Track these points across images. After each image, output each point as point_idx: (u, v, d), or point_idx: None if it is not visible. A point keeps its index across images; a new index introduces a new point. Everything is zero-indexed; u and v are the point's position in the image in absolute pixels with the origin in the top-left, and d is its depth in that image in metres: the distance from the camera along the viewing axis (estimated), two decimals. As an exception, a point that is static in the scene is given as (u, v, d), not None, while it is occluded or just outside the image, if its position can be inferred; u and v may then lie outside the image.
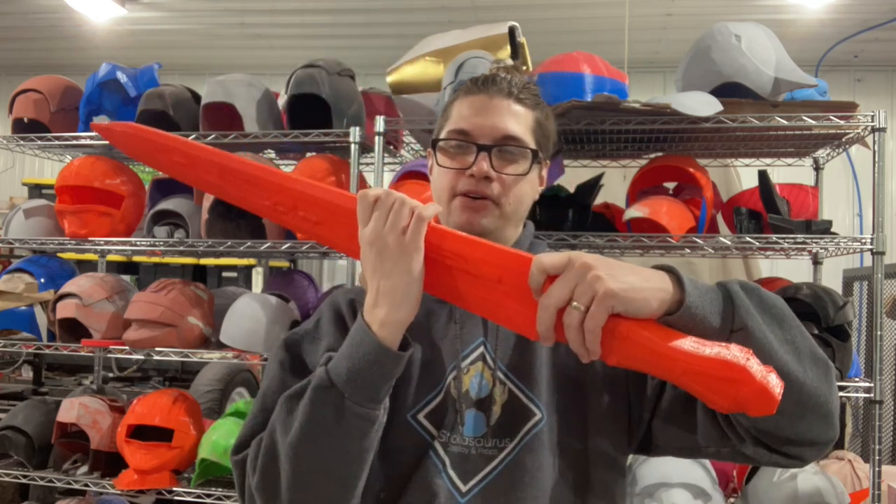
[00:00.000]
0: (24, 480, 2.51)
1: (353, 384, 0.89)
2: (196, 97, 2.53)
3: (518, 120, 1.08)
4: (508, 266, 0.89)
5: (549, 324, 0.84)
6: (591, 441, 1.04)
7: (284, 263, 4.13)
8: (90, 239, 2.51)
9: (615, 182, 2.83)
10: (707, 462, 2.10)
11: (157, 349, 2.38)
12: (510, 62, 1.22)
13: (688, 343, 0.82)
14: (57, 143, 2.62)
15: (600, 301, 0.81)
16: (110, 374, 4.25)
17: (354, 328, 0.92)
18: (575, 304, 0.82)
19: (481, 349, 1.08)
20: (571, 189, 2.35)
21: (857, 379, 2.14)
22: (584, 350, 0.83)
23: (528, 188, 1.11)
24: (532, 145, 1.09)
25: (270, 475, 0.94)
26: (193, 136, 2.44)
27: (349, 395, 0.89)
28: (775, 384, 0.81)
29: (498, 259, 0.91)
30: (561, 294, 0.83)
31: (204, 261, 4.64)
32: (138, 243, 2.52)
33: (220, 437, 2.30)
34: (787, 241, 2.12)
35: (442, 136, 1.11)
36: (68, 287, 2.47)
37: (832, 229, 2.17)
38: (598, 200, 2.37)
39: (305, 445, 0.91)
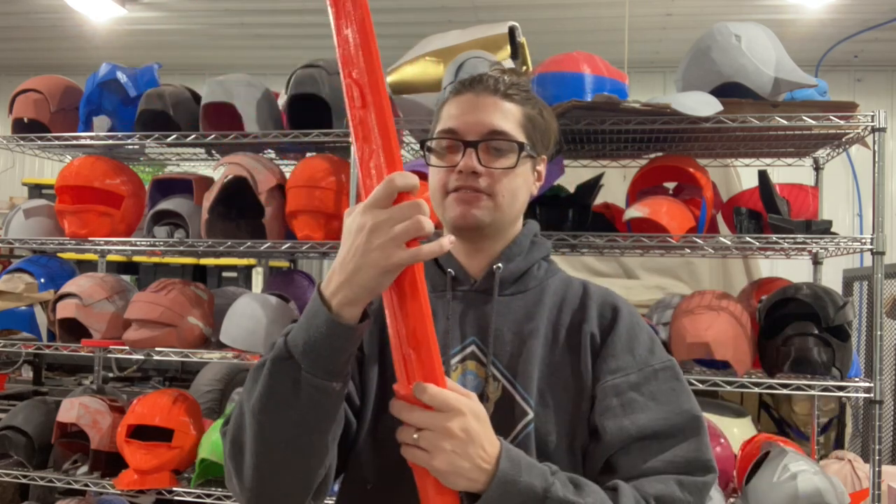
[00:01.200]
0: (24, 480, 2.51)
1: (309, 356, 0.87)
2: (196, 97, 2.53)
3: (505, 115, 1.09)
4: (418, 364, 0.88)
5: (395, 413, 0.89)
6: (577, 441, 1.05)
7: (284, 263, 4.13)
8: (90, 239, 2.51)
9: (615, 182, 2.83)
10: (707, 462, 2.10)
11: (157, 349, 2.38)
12: (508, 64, 1.22)
13: None
14: (57, 143, 2.62)
15: (427, 462, 0.87)
16: (110, 374, 4.24)
17: (312, 298, 0.90)
18: (415, 436, 0.87)
19: (472, 347, 1.08)
20: (571, 189, 2.35)
21: (857, 379, 2.14)
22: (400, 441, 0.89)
23: (521, 182, 1.11)
24: (521, 139, 1.09)
25: (238, 443, 0.94)
26: (193, 137, 2.45)
27: (306, 367, 0.87)
28: None
29: (418, 359, 0.88)
30: (414, 421, 0.87)
31: (204, 261, 4.64)
32: (138, 243, 2.52)
33: (219, 438, 2.30)
34: (787, 241, 2.12)
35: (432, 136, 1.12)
36: (68, 287, 2.47)
37: (832, 229, 2.17)
38: (598, 200, 2.38)
39: (266, 415, 0.90)
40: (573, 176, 2.50)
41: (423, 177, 1.11)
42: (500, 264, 1.11)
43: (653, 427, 1.01)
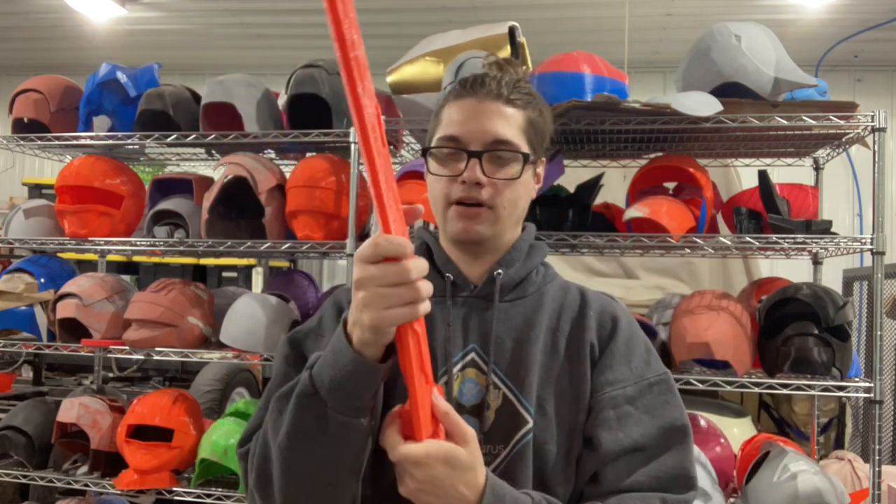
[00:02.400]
0: (24, 480, 2.50)
1: (335, 393, 0.88)
2: (196, 97, 2.53)
3: (508, 122, 1.07)
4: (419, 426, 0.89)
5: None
6: (573, 450, 1.05)
7: (284, 263, 4.13)
8: (90, 239, 2.51)
9: (615, 182, 2.83)
10: (707, 462, 2.11)
11: (157, 349, 2.38)
12: (502, 56, 1.20)
13: None
14: (57, 143, 2.62)
15: (409, 494, 0.90)
16: (110, 374, 4.25)
17: (336, 335, 0.91)
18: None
19: (472, 354, 1.07)
20: (571, 189, 2.35)
21: (857, 379, 2.14)
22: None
23: (523, 190, 1.10)
24: (524, 147, 1.08)
25: (265, 475, 0.95)
26: (193, 137, 2.45)
27: (332, 404, 0.88)
28: None
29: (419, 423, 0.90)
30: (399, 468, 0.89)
31: (204, 261, 4.64)
32: (138, 243, 2.52)
33: (219, 437, 2.30)
34: (787, 241, 2.12)
35: (433, 143, 1.10)
36: (68, 287, 2.47)
37: (832, 229, 2.17)
38: (598, 200, 2.37)
39: (293, 450, 0.91)
40: (573, 176, 2.50)
41: (421, 176, 1.11)
42: (500, 270, 1.10)
43: (643, 442, 1.02)
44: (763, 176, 2.24)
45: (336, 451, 0.90)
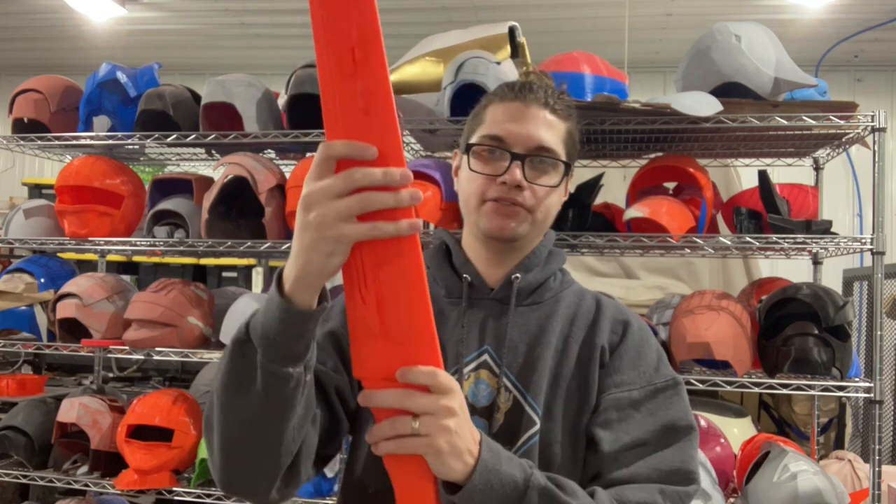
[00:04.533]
0: (24, 480, 2.50)
1: (265, 341, 0.83)
2: (196, 97, 2.53)
3: (552, 131, 1.08)
4: (417, 348, 0.83)
5: (383, 404, 0.83)
6: (579, 452, 1.05)
7: (284, 263, 4.13)
8: (90, 239, 2.51)
9: (615, 182, 2.82)
10: (707, 462, 2.11)
11: (157, 349, 2.38)
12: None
13: None
14: (57, 143, 2.62)
15: (429, 445, 0.82)
16: (110, 374, 4.24)
17: (273, 282, 0.87)
18: (416, 424, 0.82)
19: (486, 356, 1.08)
20: (571, 189, 2.35)
21: (857, 379, 2.14)
22: (376, 442, 0.84)
23: (557, 199, 1.12)
24: (564, 157, 1.09)
25: (209, 422, 0.93)
26: (193, 137, 2.45)
27: (262, 351, 0.84)
28: None
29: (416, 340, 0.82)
30: (418, 408, 0.82)
31: (204, 261, 4.64)
32: (138, 243, 2.52)
33: (220, 437, 2.30)
34: (787, 241, 2.12)
35: (475, 139, 1.10)
36: (68, 287, 2.47)
37: (832, 229, 2.17)
38: (598, 200, 2.37)
39: (226, 396, 0.88)
40: (573, 176, 2.50)
41: (421, 176, 1.11)
42: (518, 274, 1.11)
43: (644, 438, 1.02)
44: (763, 176, 2.24)
45: (267, 401, 0.86)
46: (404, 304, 0.80)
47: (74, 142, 2.59)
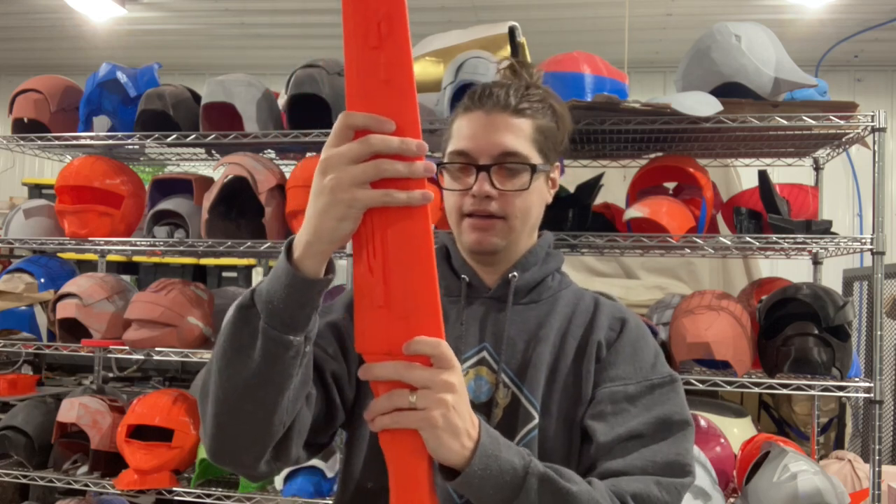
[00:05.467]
0: (24, 480, 2.50)
1: (269, 306, 0.84)
2: (196, 97, 2.53)
3: (516, 134, 1.08)
4: (419, 317, 0.83)
5: (382, 376, 0.83)
6: (574, 446, 1.06)
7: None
8: (90, 239, 2.51)
9: (615, 182, 2.83)
10: (707, 462, 2.11)
11: (157, 349, 2.38)
12: (513, 60, 1.21)
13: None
14: (57, 143, 2.62)
15: (424, 418, 0.82)
16: (110, 374, 4.24)
17: (283, 251, 0.88)
18: (413, 398, 0.82)
19: (483, 353, 1.09)
20: (571, 189, 2.35)
21: (857, 379, 2.14)
22: (372, 417, 0.84)
23: (535, 198, 1.12)
24: (533, 157, 1.09)
25: (204, 390, 0.93)
26: (193, 137, 2.45)
27: (265, 317, 0.85)
28: None
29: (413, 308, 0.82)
30: (417, 381, 0.82)
31: (204, 261, 4.64)
32: (138, 243, 2.52)
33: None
34: (787, 241, 2.12)
35: (446, 158, 1.12)
36: (68, 287, 2.47)
37: (832, 229, 2.17)
38: (598, 200, 2.37)
39: (225, 360, 0.88)
40: (573, 176, 2.51)
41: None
42: (515, 273, 1.12)
43: (639, 430, 1.02)
44: (763, 176, 2.24)
45: (265, 366, 0.86)
46: (411, 276, 0.81)
47: (74, 142, 2.59)
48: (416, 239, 0.81)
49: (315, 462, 2.27)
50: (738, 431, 2.74)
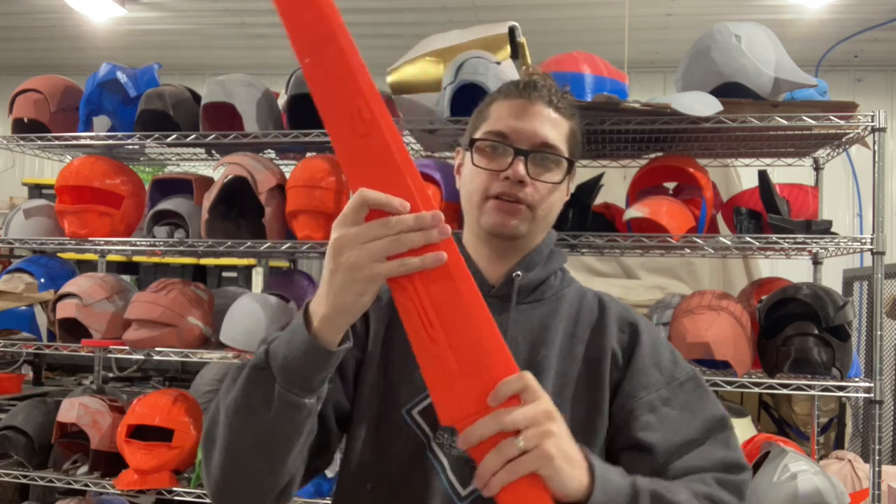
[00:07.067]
0: (24, 480, 2.50)
1: (286, 371, 0.87)
2: (196, 97, 2.53)
3: (556, 128, 1.08)
4: (487, 360, 0.82)
5: (483, 434, 0.81)
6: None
7: (284, 263, 4.13)
8: (90, 239, 2.51)
9: (615, 182, 2.83)
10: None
11: (157, 349, 2.38)
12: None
13: None
14: (57, 143, 2.62)
15: (540, 456, 0.80)
16: (110, 374, 4.25)
17: (298, 314, 0.90)
18: (521, 442, 0.80)
19: None
20: (572, 189, 2.35)
21: (857, 379, 2.14)
22: (486, 480, 0.81)
23: (559, 197, 1.12)
24: (567, 154, 1.10)
25: (210, 437, 0.95)
26: (193, 137, 2.45)
27: (281, 381, 0.87)
28: None
29: (479, 348, 0.82)
30: (518, 422, 0.80)
31: (204, 261, 4.64)
32: (138, 243, 2.52)
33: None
34: (787, 241, 2.12)
35: (479, 135, 1.10)
36: (68, 287, 2.47)
37: (832, 229, 2.17)
38: (598, 200, 2.37)
39: (237, 418, 0.90)
40: (575, 176, 2.50)
41: (424, 177, 1.11)
42: (519, 272, 1.11)
43: (691, 436, 1.02)
44: (763, 176, 2.24)
45: (278, 426, 0.88)
46: (471, 328, 0.82)
47: (74, 142, 2.59)
48: (462, 288, 0.82)
49: (315, 462, 2.27)
50: (738, 431, 2.73)
